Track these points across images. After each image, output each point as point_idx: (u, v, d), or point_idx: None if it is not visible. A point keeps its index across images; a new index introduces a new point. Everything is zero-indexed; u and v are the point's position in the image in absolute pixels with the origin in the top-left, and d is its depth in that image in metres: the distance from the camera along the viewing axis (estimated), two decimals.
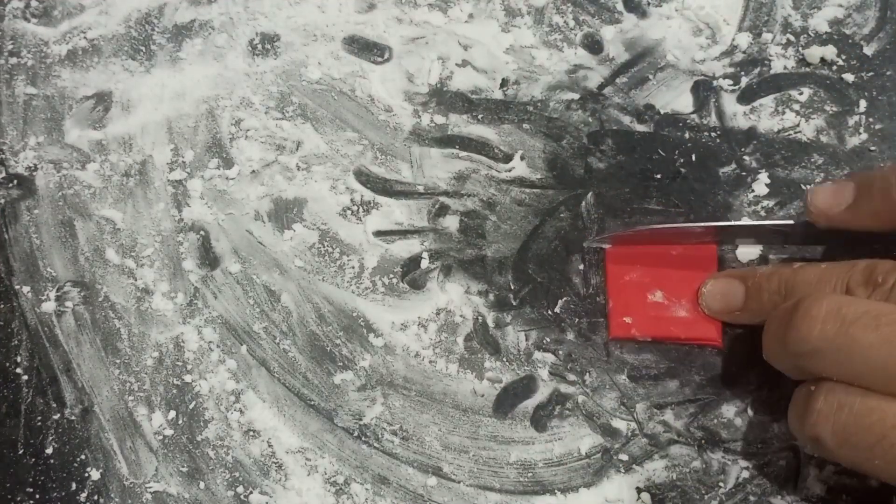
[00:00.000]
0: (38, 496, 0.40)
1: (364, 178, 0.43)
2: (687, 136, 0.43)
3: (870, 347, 0.31)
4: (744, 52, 0.44)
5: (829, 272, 0.36)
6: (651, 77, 0.44)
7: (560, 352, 0.41)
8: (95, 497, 0.40)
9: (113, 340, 0.42)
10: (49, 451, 0.41)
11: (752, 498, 0.39)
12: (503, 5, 0.45)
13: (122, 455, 0.41)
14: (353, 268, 0.43)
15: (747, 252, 0.42)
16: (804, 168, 0.43)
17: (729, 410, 0.40)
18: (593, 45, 0.45)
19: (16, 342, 0.42)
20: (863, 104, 0.44)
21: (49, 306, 0.42)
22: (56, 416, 0.41)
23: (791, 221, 0.41)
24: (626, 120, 0.44)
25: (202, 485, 0.40)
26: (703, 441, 0.40)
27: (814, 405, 0.33)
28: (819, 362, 0.33)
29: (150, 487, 0.40)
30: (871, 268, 0.35)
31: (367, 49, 0.45)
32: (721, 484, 0.39)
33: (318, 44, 0.45)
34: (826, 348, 0.32)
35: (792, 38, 0.45)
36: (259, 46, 0.45)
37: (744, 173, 0.43)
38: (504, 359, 0.41)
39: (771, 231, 0.41)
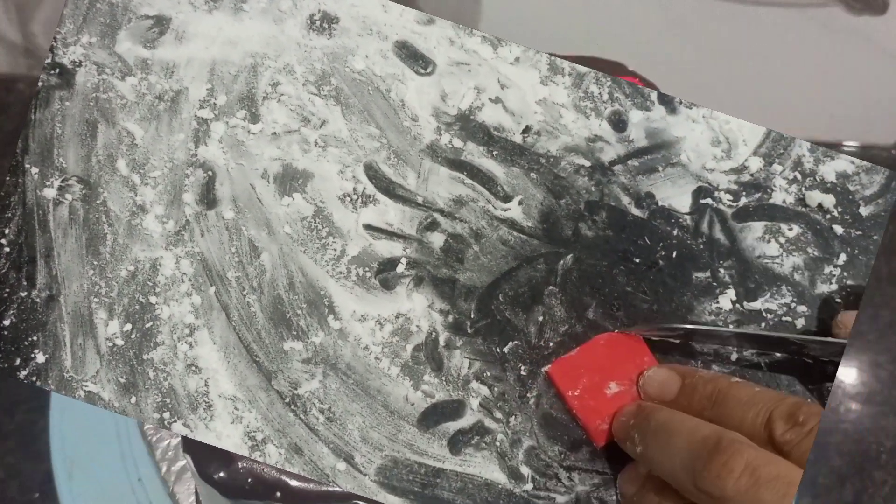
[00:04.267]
0: None
1: (372, 172, 0.45)
2: (675, 232, 0.45)
3: None
4: (751, 175, 0.46)
5: (760, 396, 0.38)
6: (660, 169, 0.46)
7: (496, 388, 0.43)
8: (34, 378, 0.42)
9: (97, 243, 0.44)
10: (6, 322, 0.43)
11: None
12: (549, 60, 0.47)
13: (71, 349, 0.43)
14: (335, 250, 0.44)
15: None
16: (773, 298, 0.45)
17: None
18: (618, 123, 0.47)
19: (9, 214, 0.44)
20: (843, 258, 0.45)
21: (50, 193, 0.44)
22: (23, 294, 0.43)
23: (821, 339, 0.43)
24: (625, 200, 0.46)
25: (133, 399, 0.42)
26: None
27: None
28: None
29: (86, 386, 0.42)
30: (797, 406, 0.37)
31: (414, 58, 0.47)
32: None
33: (372, 38, 0.47)
34: (733, 498, 0.34)
35: (799, 176, 0.46)
36: (318, 23, 0.47)
37: (714, 284, 0.45)
38: (443, 378, 0.43)
39: (778, 341, 0.43)
